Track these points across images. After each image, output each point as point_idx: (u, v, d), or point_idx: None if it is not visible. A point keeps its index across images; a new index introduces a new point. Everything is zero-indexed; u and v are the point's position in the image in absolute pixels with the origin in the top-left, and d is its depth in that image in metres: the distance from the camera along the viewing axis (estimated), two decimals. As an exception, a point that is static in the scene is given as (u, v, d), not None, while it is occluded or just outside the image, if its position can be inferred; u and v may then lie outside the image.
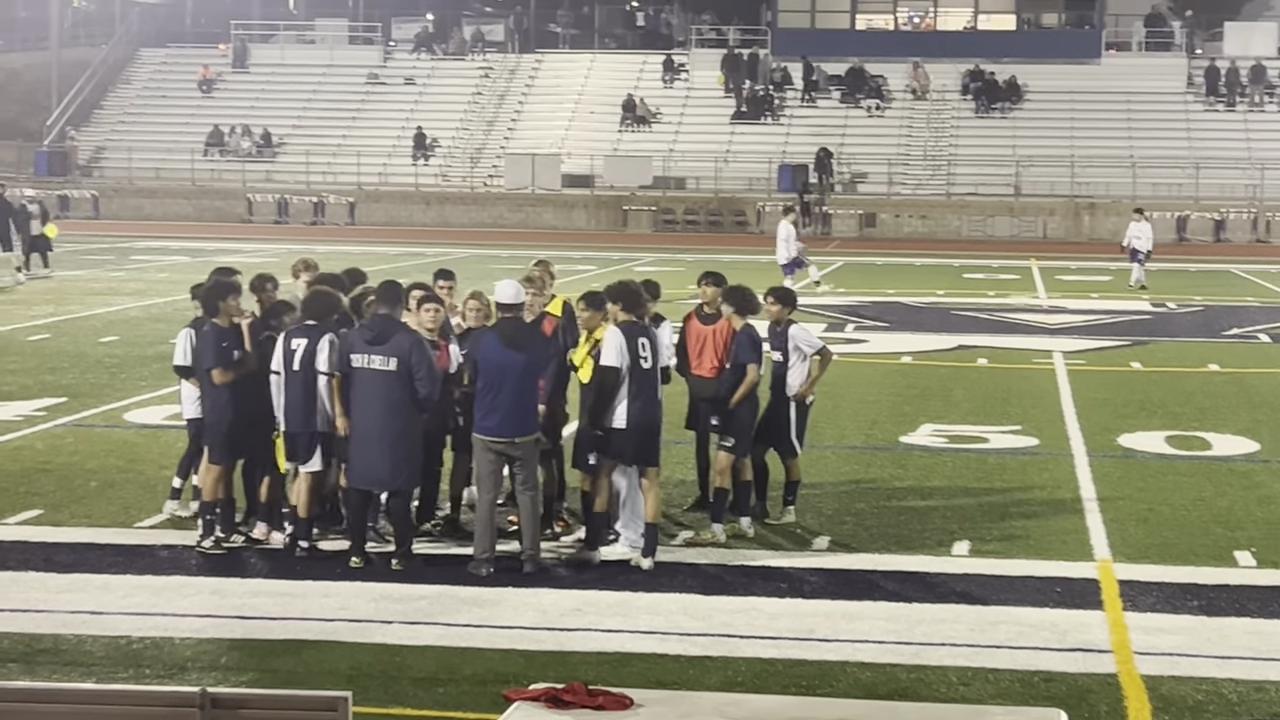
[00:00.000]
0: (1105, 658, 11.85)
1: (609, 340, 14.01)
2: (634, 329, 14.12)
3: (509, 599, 13.04)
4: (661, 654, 11.75)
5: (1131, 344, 30.40)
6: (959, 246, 58.79)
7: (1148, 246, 42.36)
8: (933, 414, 22.07)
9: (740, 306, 15.30)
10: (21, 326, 30.41)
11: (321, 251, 44.52)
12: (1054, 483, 17.81)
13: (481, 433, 13.82)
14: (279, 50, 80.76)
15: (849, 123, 71.38)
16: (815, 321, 31.22)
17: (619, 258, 48.93)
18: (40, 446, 19.01)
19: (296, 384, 14.06)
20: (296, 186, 69.14)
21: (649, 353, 14.10)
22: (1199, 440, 20.47)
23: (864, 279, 44.17)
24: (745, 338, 15.12)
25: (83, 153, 73.29)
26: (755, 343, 15.15)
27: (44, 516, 15.63)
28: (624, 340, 13.97)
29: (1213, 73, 71.17)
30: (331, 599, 13.01)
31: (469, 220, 66.54)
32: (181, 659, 11.56)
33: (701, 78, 74.97)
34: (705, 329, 15.57)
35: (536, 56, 79.12)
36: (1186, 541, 15.27)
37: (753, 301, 15.45)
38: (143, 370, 24.76)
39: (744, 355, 15.05)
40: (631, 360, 13.98)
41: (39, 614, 12.55)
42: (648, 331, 14.25)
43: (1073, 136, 68.48)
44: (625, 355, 13.94)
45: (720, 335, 15.44)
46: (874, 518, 16.03)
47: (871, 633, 12.33)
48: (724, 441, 15.07)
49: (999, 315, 35.07)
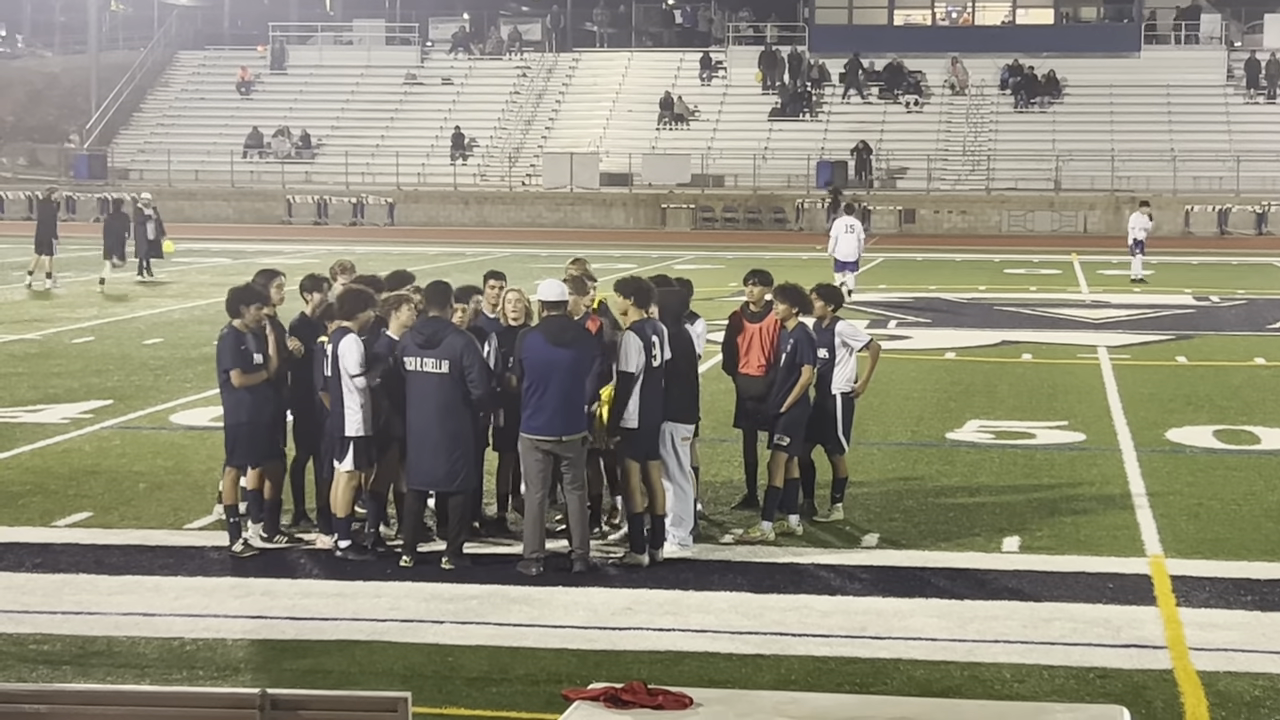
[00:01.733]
0: (1160, 654, 11.78)
1: (629, 345, 13.94)
2: (645, 326, 14.08)
3: (559, 598, 13.02)
4: (714, 652, 11.72)
5: (1176, 338, 30.26)
6: (999, 242, 58.63)
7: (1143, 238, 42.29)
8: (978, 410, 21.99)
9: (797, 304, 15.25)
10: (66, 329, 30.53)
11: (360, 252, 44.63)
12: (1103, 478, 17.73)
13: (529, 432, 13.79)
14: (317, 51, 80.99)
15: (887, 118, 71.26)
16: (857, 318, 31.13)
17: (658, 256, 48.89)
18: (88, 449, 19.08)
19: (333, 388, 14.06)
20: (335, 187, 69.31)
21: (658, 350, 14.07)
22: (1247, 434, 20.36)
23: (904, 275, 44.07)
24: (803, 336, 15.08)
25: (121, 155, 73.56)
26: (812, 342, 15.11)
27: (94, 519, 15.68)
28: (641, 344, 13.93)
29: (1253, 65, 70.82)
30: (383, 599, 13.01)
31: (507, 220, 66.62)
32: (235, 660, 11.57)
33: (739, 75, 74.94)
34: (752, 327, 15.53)
35: (574, 55, 79.17)
36: (1238, 536, 15.18)
37: (807, 299, 15.42)
38: (187, 372, 24.82)
39: (800, 355, 15.00)
40: (645, 359, 13.97)
41: (91, 616, 12.58)
42: (657, 328, 14.18)
43: (1112, 130, 68.23)
44: (643, 359, 13.91)
45: (767, 333, 15.39)
46: (922, 514, 15.97)
47: (924, 630, 12.28)
48: (779, 440, 15.02)
49: (1042, 310, 34.95)
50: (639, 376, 13.89)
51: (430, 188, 69.47)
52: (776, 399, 15.05)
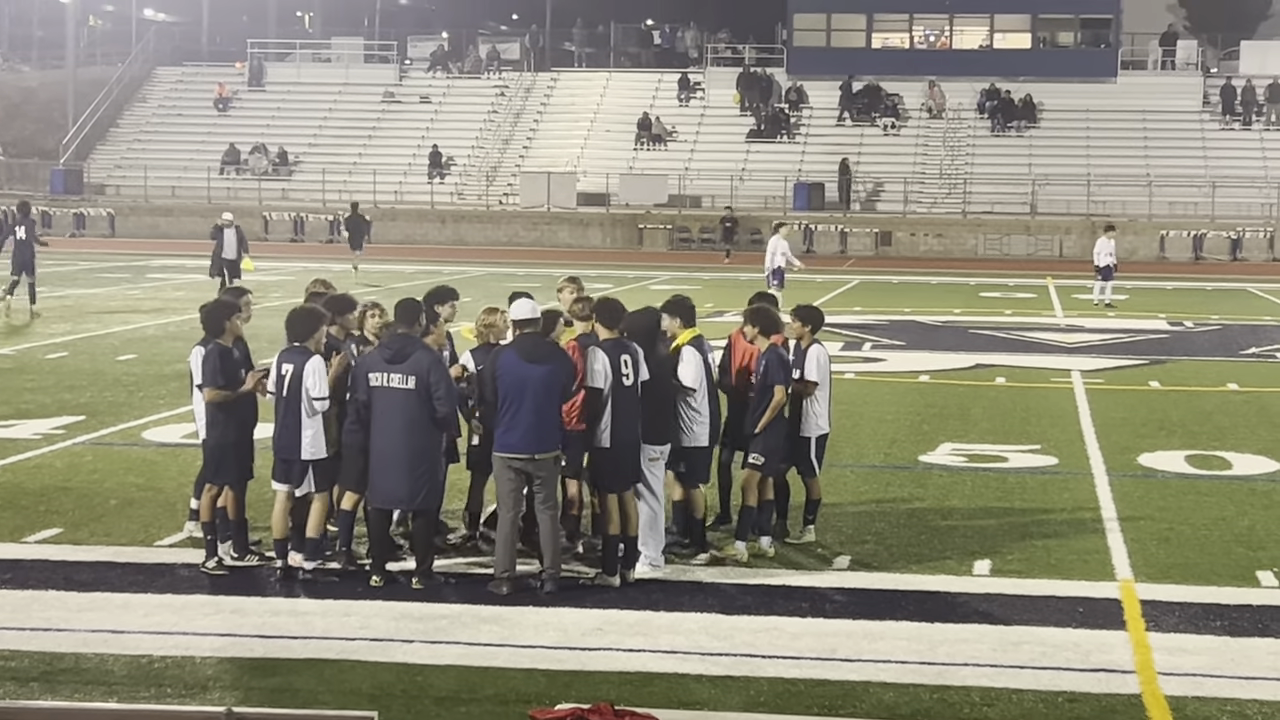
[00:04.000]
0: (1129, 678, 11.80)
1: (594, 362, 13.97)
2: (617, 346, 14.09)
3: (530, 618, 13.01)
4: (683, 674, 11.70)
5: (1149, 363, 30.33)
6: (975, 265, 58.77)
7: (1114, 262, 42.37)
8: (952, 433, 22.02)
9: (764, 326, 15.26)
10: (40, 345, 30.45)
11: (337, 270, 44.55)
12: (1074, 502, 17.76)
13: (502, 450, 13.77)
14: (295, 69, 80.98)
15: (865, 141, 71.42)
16: (833, 340, 31.19)
17: (634, 276, 48.93)
18: (59, 465, 19.02)
19: (283, 408, 14.01)
20: (312, 205, 69.29)
21: (630, 369, 14.06)
22: (1219, 460, 20.41)
23: (880, 297, 44.13)
24: (774, 357, 15.08)
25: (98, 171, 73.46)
26: (784, 363, 15.12)
27: (64, 535, 15.62)
28: (607, 360, 13.95)
29: (1228, 91, 71.15)
30: (352, 618, 12.98)
31: (484, 238, 66.63)
32: (203, 678, 11.53)
33: (717, 96, 75.07)
34: (750, 349, 15.56)
35: (552, 75, 79.28)
36: (1208, 561, 15.21)
37: (776, 321, 15.43)
38: (160, 389, 24.76)
39: (771, 376, 15.02)
40: (614, 379, 13.96)
41: (60, 633, 12.53)
42: (629, 348, 14.19)
43: (1089, 155, 68.49)
44: (610, 375, 13.92)
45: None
46: (894, 537, 15.99)
47: (894, 653, 12.29)
48: (754, 460, 15.04)
49: (1016, 334, 35.02)
50: (605, 393, 13.90)
51: (407, 206, 69.47)
52: (751, 419, 15.08)
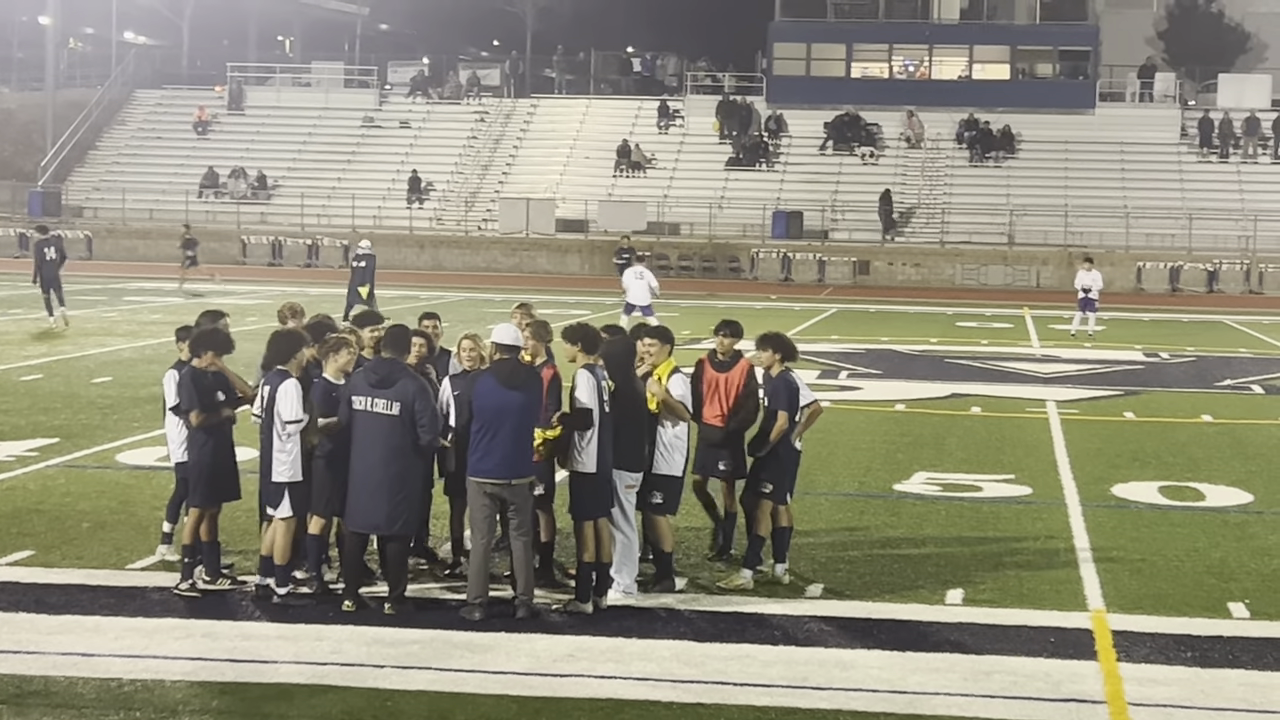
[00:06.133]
0: (1099, 708, 11.82)
1: (582, 382, 13.99)
2: (597, 371, 14.12)
3: (502, 644, 13.00)
4: (654, 700, 11.71)
5: (1124, 394, 30.40)
6: (952, 295, 58.88)
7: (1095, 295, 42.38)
8: (926, 462, 22.05)
9: (783, 352, 15.35)
10: (15, 366, 30.37)
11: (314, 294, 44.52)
12: (1048, 532, 17.79)
13: (477, 475, 13.75)
14: (275, 93, 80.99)
15: (843, 170, 71.58)
16: (809, 369, 31.23)
17: (613, 302, 48.89)
18: (32, 487, 18.97)
19: (266, 432, 14.02)
20: (291, 229, 69.25)
21: (607, 396, 14.10)
22: (1192, 491, 20.46)
23: (857, 326, 44.19)
24: (782, 385, 15.19)
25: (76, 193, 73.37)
26: (791, 389, 15.18)
27: (35, 557, 15.57)
28: (594, 381, 13.97)
29: (1206, 124, 71.44)
30: (324, 642, 12.96)
31: (463, 264, 66.63)
32: (173, 702, 11.51)
33: (697, 124, 75.23)
34: (717, 376, 15.62)
35: (532, 101, 79.37)
36: (1180, 592, 15.24)
37: (793, 348, 15.52)
38: (135, 411, 24.71)
39: (777, 401, 15.10)
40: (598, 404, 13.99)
41: (29, 655, 12.49)
42: (603, 375, 14.22)
43: (1067, 186, 68.75)
44: (595, 396, 13.94)
45: (732, 384, 15.54)
46: (867, 565, 15.99)
47: (865, 681, 12.29)
48: (763, 488, 15.11)
49: (992, 364, 35.08)
50: (594, 414, 13.91)
51: (386, 230, 69.36)
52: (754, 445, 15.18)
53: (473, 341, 15.06)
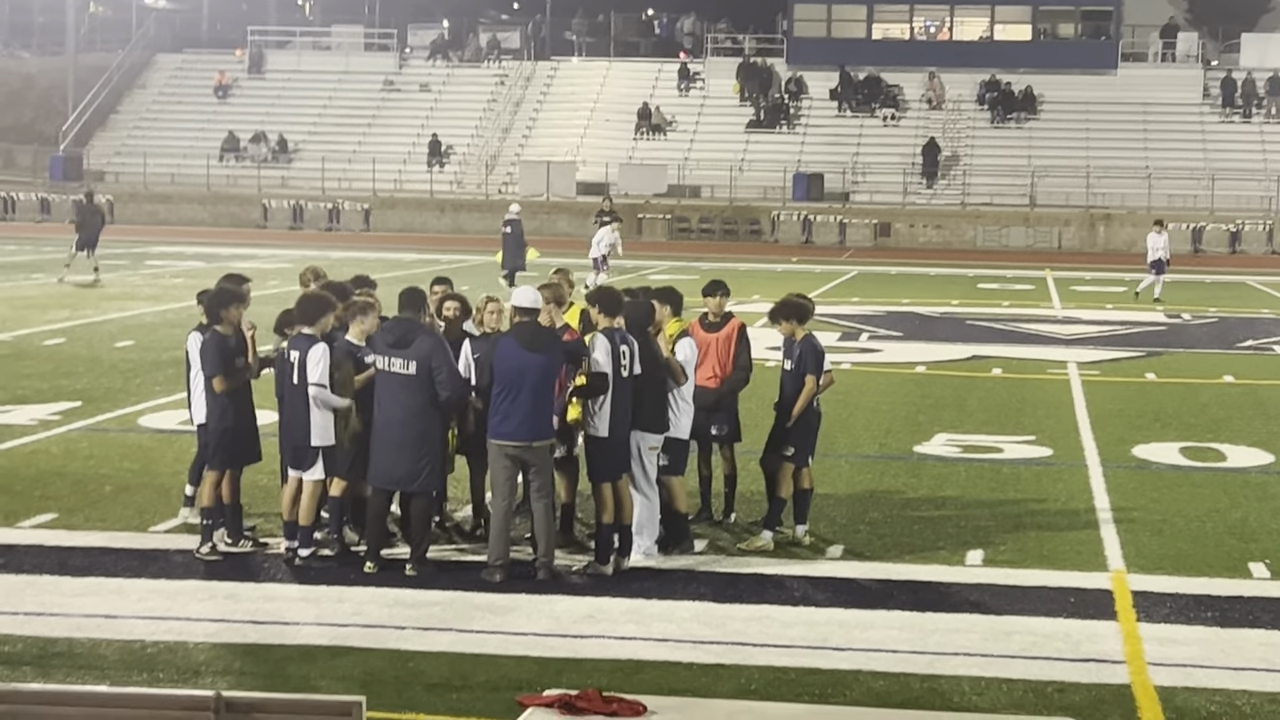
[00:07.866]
0: (1119, 668, 11.83)
1: (599, 346, 14.00)
2: (616, 335, 14.12)
3: (523, 606, 13.04)
4: (674, 661, 11.74)
5: (1146, 355, 30.36)
6: (974, 256, 58.79)
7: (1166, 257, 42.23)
8: (947, 424, 22.05)
9: (798, 317, 15.33)
10: (38, 331, 30.46)
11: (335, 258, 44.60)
12: (1068, 493, 17.79)
13: (497, 437, 13.78)
14: (295, 56, 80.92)
15: (864, 132, 71.41)
16: (830, 331, 31.24)
17: (633, 265, 48.92)
18: (55, 450, 19.04)
19: (291, 395, 14.07)
20: (312, 192, 69.27)
21: (629, 360, 14.09)
22: (1213, 452, 20.44)
23: (878, 289, 44.15)
24: (809, 349, 15.16)
25: (98, 158, 73.47)
26: (818, 353, 15.18)
27: (59, 520, 15.65)
28: (610, 345, 13.98)
29: (1229, 84, 71.13)
30: (345, 604, 13.02)
31: (483, 227, 66.48)
32: (195, 663, 11.57)
33: (717, 86, 75.03)
34: (708, 337, 15.62)
35: (552, 64, 79.23)
36: (1200, 553, 15.25)
37: (804, 310, 15.49)
38: (157, 375, 24.78)
39: (806, 365, 15.07)
40: (614, 368, 13.99)
41: (53, 617, 12.56)
42: (627, 339, 14.21)
43: (1088, 147, 68.48)
44: (611, 360, 13.95)
45: (723, 344, 15.54)
46: (888, 527, 16.02)
47: (885, 642, 12.32)
48: (784, 451, 15.11)
49: (1013, 325, 35.05)
50: (610, 376, 13.92)
51: (407, 194, 69.47)
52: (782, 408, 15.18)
53: (496, 303, 15.07)
